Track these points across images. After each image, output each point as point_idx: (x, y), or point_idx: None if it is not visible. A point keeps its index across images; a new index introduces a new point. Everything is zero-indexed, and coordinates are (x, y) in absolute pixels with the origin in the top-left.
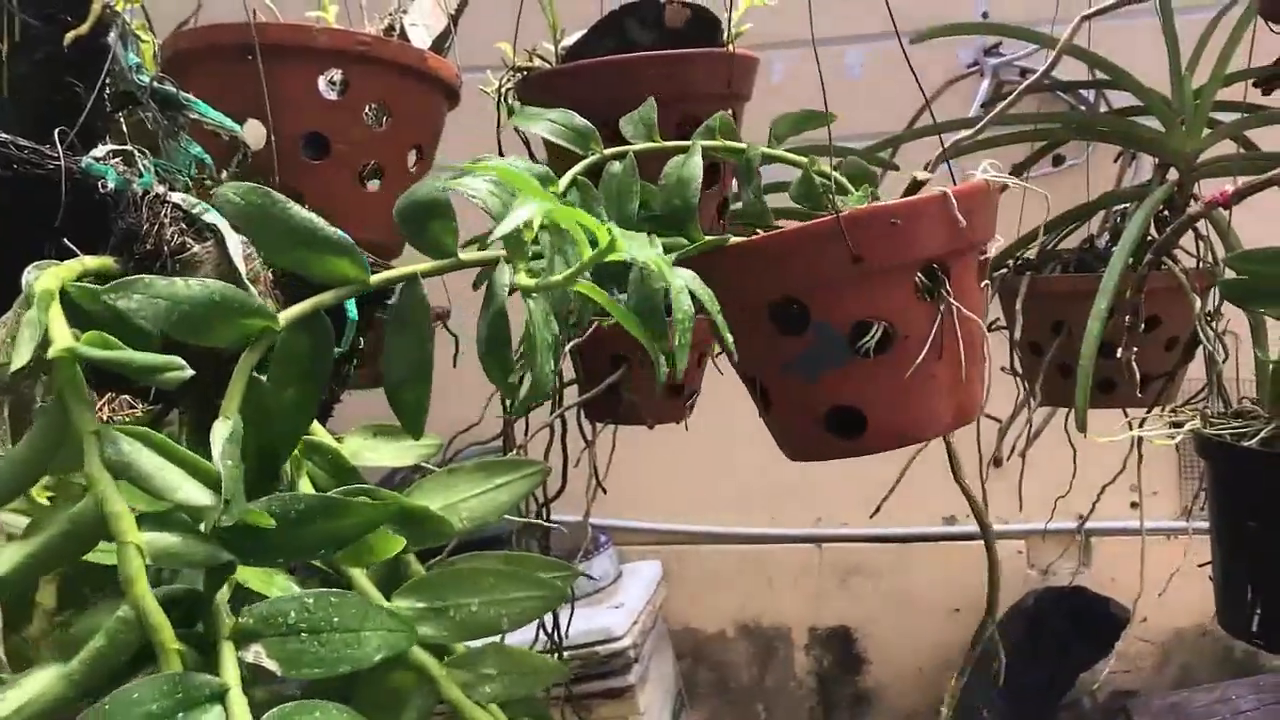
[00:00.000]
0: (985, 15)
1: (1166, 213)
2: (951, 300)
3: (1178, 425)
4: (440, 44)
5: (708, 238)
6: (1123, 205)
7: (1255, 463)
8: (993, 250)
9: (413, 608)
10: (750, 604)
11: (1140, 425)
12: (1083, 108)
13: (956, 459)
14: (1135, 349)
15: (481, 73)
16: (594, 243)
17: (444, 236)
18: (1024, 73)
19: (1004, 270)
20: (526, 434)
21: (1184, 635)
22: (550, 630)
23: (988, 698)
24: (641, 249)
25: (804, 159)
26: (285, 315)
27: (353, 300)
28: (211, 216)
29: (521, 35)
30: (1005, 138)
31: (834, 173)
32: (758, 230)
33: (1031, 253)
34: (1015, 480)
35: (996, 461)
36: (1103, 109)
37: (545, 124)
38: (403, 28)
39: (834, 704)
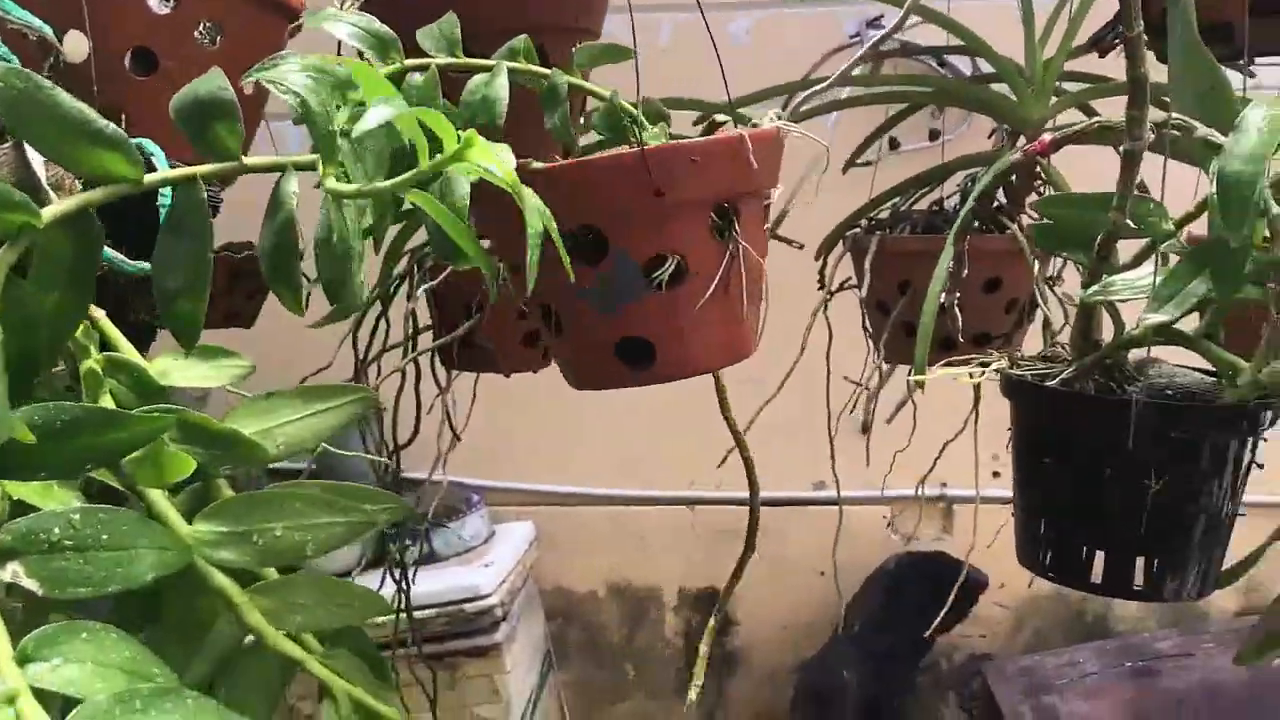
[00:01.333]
0: None
1: (1015, 178)
2: (740, 240)
3: (985, 365)
4: None
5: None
6: (975, 170)
7: (1051, 401)
8: (775, 196)
9: (214, 531)
10: (622, 565)
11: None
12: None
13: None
14: (958, 295)
15: None
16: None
17: (227, 138)
18: (904, 45)
19: (856, 230)
20: (379, 377)
21: (1038, 601)
22: (398, 580)
23: (849, 660)
24: (497, 159)
25: (607, 90)
26: (48, 212)
27: (168, 201)
28: None
29: None
30: (865, 98)
31: (635, 110)
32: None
33: (884, 214)
34: (882, 447)
35: (864, 428)
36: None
37: (345, 26)
38: None
39: None
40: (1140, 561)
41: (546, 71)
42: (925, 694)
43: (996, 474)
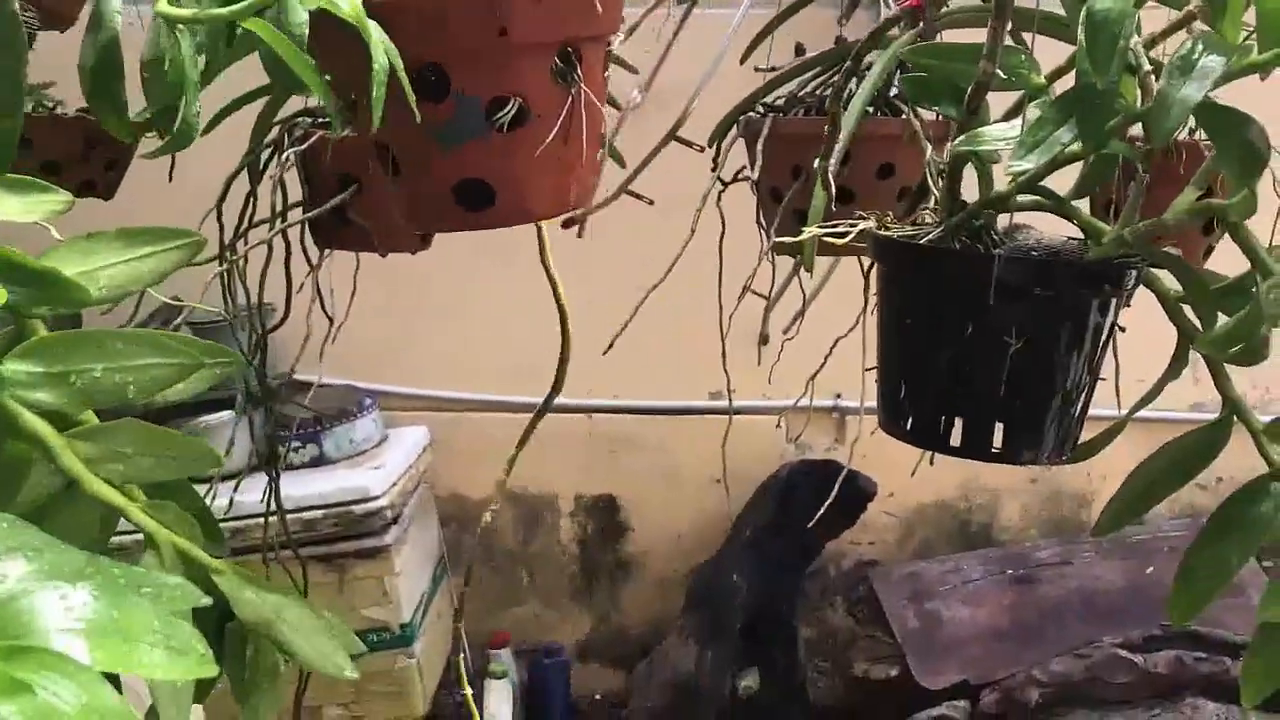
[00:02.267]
0: None
1: (905, 64)
2: (583, 85)
3: (853, 227)
4: None
5: None
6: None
7: (915, 258)
8: (616, 44)
9: (27, 371)
10: (519, 472)
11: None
12: None
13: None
14: (840, 172)
15: None
16: None
17: None
18: None
19: (751, 115)
20: (247, 248)
21: (925, 511)
22: (272, 478)
23: (740, 565)
24: None
25: None
26: None
27: None
28: None
29: None
30: None
31: None
32: None
33: (781, 102)
34: (777, 356)
35: (763, 339)
36: None
37: None
38: None
39: (596, 570)
40: (1000, 426)
41: None
42: (813, 599)
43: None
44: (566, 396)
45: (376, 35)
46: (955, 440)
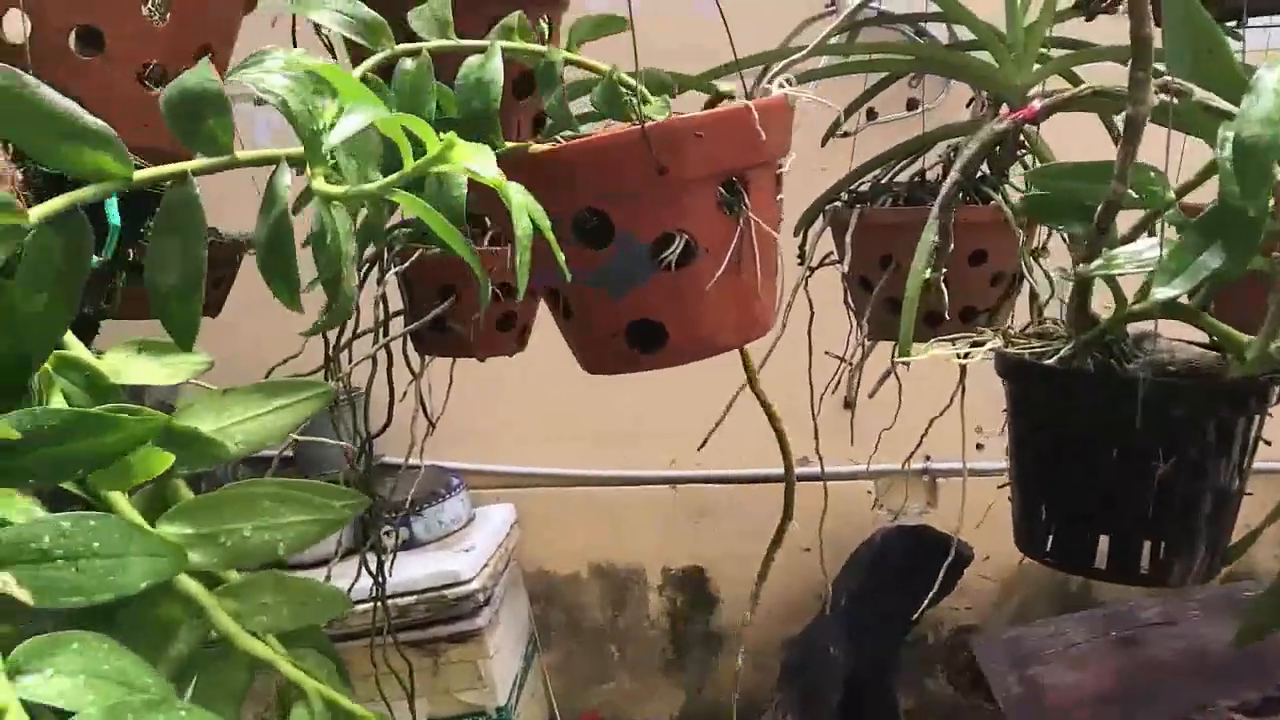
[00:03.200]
0: None
1: (999, 148)
2: (751, 214)
3: (979, 345)
4: None
5: (509, 144)
6: (957, 140)
7: (1051, 380)
8: (787, 166)
9: (181, 534)
10: (604, 546)
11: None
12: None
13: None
14: (945, 269)
15: None
16: (418, 150)
17: (218, 132)
18: (881, 13)
19: (836, 203)
20: (350, 363)
21: (1024, 572)
22: (375, 573)
23: (835, 635)
24: (480, 160)
25: (606, 66)
26: (36, 212)
27: (114, 204)
28: None
29: None
30: (842, 68)
31: (637, 83)
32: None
33: (865, 187)
34: (866, 422)
35: (847, 404)
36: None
37: (328, 13)
38: None
39: (686, 643)
40: (1147, 545)
41: (543, 49)
42: (912, 668)
43: (980, 446)
44: (649, 468)
45: (518, 200)
46: (1100, 563)
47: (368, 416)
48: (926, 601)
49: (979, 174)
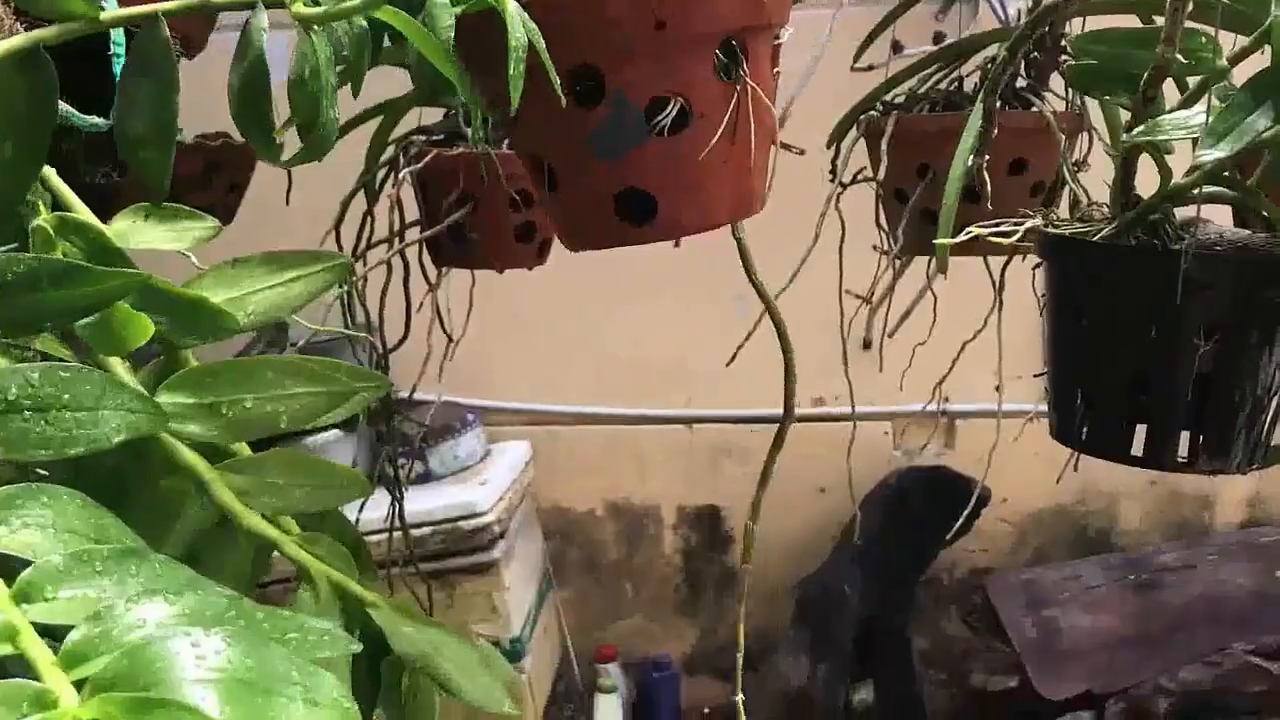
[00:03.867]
0: None
1: (1037, 54)
2: (749, 81)
3: (1020, 225)
4: None
5: None
6: (994, 52)
7: (1087, 256)
8: (785, 37)
9: (179, 403)
10: (620, 484)
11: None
12: None
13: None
14: (986, 160)
15: None
16: None
17: None
18: None
19: (871, 113)
20: (365, 269)
21: (1041, 517)
22: (393, 495)
23: (851, 575)
24: None
25: None
26: None
27: (121, 52)
28: None
29: None
30: None
31: None
32: None
33: (901, 99)
34: (882, 360)
35: (866, 344)
36: None
37: None
38: None
39: (700, 581)
40: (1186, 435)
41: None
42: (927, 609)
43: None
44: (665, 407)
45: (512, 7)
46: (1137, 450)
47: (383, 330)
48: (943, 543)
49: (1018, 80)
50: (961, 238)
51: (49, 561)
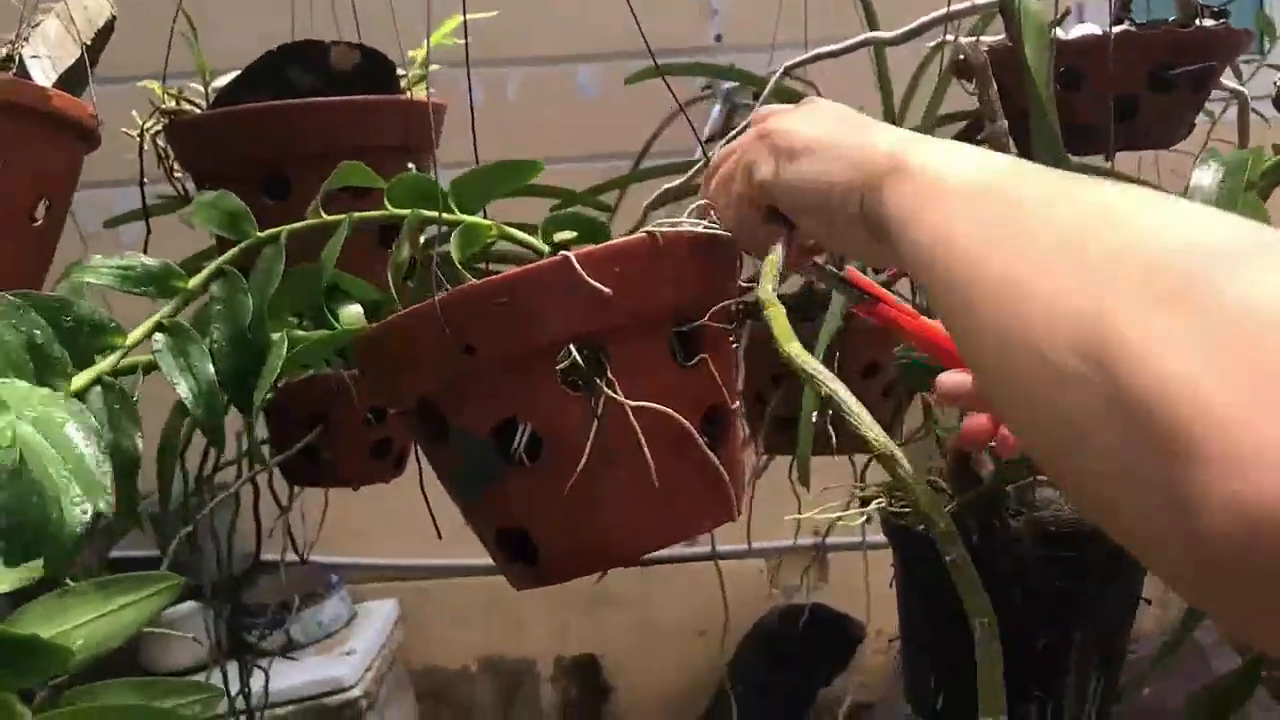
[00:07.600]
0: (719, 38)
1: None
2: (611, 391)
3: (865, 503)
4: (74, 78)
5: (318, 333)
6: None
7: (929, 550)
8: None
9: None
10: (494, 639)
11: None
12: None
13: None
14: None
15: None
16: None
17: None
18: (756, 96)
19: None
20: (211, 499)
21: None
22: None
23: (733, 716)
24: None
25: (489, 223)
26: None
27: None
28: None
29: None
30: None
31: (524, 234)
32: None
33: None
34: (755, 502)
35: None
36: None
37: (205, 212)
38: (21, 61)
39: None
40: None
41: (404, 213)
42: None
43: (868, 520)
44: None
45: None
46: None
47: (231, 555)
48: (823, 683)
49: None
50: (809, 515)
51: None
